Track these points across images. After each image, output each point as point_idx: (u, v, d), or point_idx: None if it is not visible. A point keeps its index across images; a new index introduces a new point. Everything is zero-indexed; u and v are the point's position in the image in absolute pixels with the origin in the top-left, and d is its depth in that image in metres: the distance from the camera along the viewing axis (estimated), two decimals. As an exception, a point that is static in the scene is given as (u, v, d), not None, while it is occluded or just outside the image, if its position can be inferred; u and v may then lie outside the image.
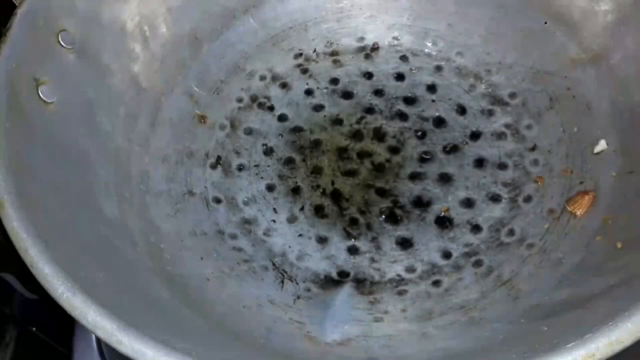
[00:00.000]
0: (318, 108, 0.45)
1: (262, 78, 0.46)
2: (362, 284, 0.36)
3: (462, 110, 0.43)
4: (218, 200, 0.40)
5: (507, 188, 0.39)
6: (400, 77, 0.46)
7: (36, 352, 0.43)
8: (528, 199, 0.38)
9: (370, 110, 0.44)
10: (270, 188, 0.41)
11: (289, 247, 0.38)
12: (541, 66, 0.43)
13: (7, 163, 0.29)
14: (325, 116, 0.44)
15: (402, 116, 0.44)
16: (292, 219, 0.39)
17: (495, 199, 0.39)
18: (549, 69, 0.42)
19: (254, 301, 0.35)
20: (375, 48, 0.47)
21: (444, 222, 0.38)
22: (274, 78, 0.46)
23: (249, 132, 0.44)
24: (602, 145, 0.37)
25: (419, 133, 0.42)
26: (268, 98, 0.45)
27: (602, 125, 0.38)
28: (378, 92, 0.45)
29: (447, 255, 0.37)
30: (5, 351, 0.40)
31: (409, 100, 0.44)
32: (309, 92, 0.46)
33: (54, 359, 0.44)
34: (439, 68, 0.46)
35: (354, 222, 0.39)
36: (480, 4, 0.46)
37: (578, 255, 0.33)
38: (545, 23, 0.43)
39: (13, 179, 0.28)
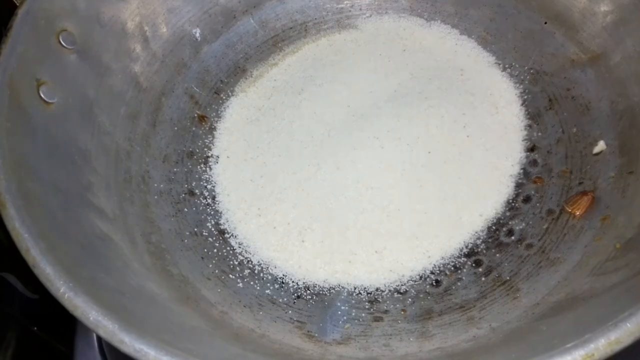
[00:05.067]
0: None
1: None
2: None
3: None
4: (219, 200, 0.40)
5: (507, 188, 0.39)
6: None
7: (37, 351, 0.43)
8: (527, 199, 0.38)
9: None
10: (270, 188, 0.41)
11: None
12: (540, 67, 0.43)
13: (9, 163, 0.29)
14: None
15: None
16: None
17: (494, 199, 0.39)
18: (548, 70, 0.42)
19: (255, 300, 0.35)
20: (375, 48, 0.47)
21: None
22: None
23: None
24: (601, 145, 0.37)
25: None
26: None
27: (601, 126, 0.38)
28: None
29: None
30: (7, 350, 0.40)
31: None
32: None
33: (55, 358, 0.44)
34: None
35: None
36: (479, 5, 0.46)
37: (577, 255, 0.33)
38: (545, 23, 0.43)
39: (14, 179, 0.28)
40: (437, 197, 0.38)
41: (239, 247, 0.38)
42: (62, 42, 0.35)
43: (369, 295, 0.36)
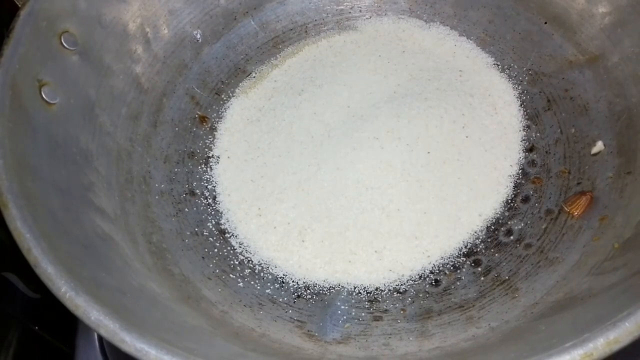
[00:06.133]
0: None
1: (263, 79, 0.47)
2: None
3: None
4: (219, 200, 0.41)
5: (506, 188, 0.39)
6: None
7: (38, 350, 0.43)
8: (526, 200, 0.38)
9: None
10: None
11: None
12: (539, 68, 0.43)
13: (10, 163, 0.29)
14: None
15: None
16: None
17: (493, 199, 0.39)
18: (547, 71, 0.43)
19: (255, 300, 0.35)
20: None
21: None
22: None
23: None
24: (599, 146, 0.38)
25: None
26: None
27: (599, 127, 0.38)
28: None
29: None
30: (8, 350, 0.40)
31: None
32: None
33: (56, 358, 0.44)
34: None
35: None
36: (478, 7, 0.46)
37: (575, 255, 0.34)
38: (545, 23, 0.43)
39: (16, 179, 0.28)
40: (437, 197, 0.38)
41: (240, 247, 0.39)
42: (63, 43, 0.35)
43: (368, 294, 0.36)
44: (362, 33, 0.48)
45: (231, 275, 0.37)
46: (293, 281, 0.37)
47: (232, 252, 0.38)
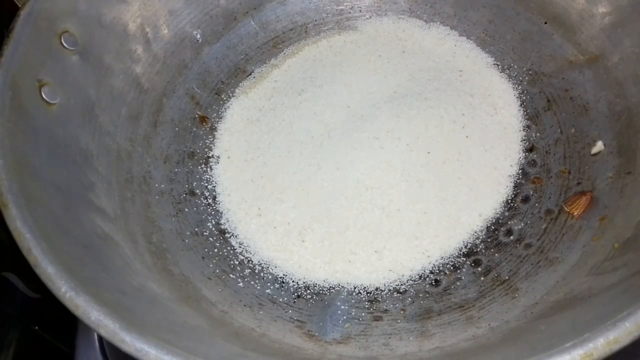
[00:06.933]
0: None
1: (263, 79, 0.47)
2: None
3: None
4: (219, 200, 0.41)
5: (506, 188, 0.39)
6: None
7: (38, 350, 0.43)
8: (526, 200, 0.38)
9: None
10: (270, 188, 0.41)
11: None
12: (539, 68, 0.43)
13: (10, 163, 0.29)
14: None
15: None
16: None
17: (493, 199, 0.39)
18: (547, 71, 0.43)
19: (255, 300, 0.35)
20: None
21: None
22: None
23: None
24: (599, 146, 0.38)
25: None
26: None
27: (599, 127, 0.38)
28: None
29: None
30: (8, 350, 0.40)
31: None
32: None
33: (56, 358, 0.44)
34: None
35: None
36: (478, 7, 0.46)
37: (575, 255, 0.34)
38: (545, 23, 0.43)
39: (16, 179, 0.28)
40: (437, 197, 0.38)
41: (240, 247, 0.39)
42: (63, 43, 0.35)
43: (368, 294, 0.36)
44: (362, 33, 0.48)
45: (231, 275, 0.37)
46: (293, 281, 0.37)
47: (232, 252, 0.38)
